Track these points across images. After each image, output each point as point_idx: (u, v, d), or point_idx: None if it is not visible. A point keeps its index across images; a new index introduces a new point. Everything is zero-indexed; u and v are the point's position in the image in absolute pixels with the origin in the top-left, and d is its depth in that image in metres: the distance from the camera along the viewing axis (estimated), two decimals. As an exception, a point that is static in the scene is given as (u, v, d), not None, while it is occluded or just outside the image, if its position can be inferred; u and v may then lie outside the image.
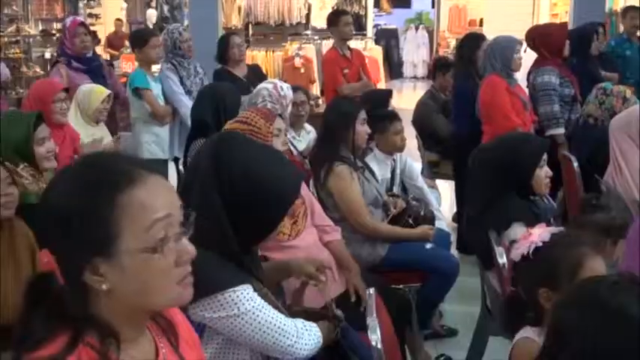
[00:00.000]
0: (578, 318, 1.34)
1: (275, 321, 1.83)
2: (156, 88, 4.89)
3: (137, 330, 1.19)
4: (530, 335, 1.81)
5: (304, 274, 2.23)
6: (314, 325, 1.96)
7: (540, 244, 1.88)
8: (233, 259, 1.83)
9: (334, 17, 5.92)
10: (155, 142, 4.89)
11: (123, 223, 1.08)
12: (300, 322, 1.92)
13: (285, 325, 1.85)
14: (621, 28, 7.04)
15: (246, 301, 1.79)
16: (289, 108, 3.85)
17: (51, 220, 1.11)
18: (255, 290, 1.82)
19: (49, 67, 5.55)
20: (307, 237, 2.73)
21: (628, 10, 6.65)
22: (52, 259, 1.14)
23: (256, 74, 5.36)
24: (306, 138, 4.36)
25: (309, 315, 2.06)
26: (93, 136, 4.01)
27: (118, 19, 11.49)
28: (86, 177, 1.11)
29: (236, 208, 1.83)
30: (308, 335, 1.91)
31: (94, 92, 4.14)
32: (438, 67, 5.87)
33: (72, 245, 1.08)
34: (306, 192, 2.88)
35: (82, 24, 5.00)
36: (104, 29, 11.46)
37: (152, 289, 1.12)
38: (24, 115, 3.07)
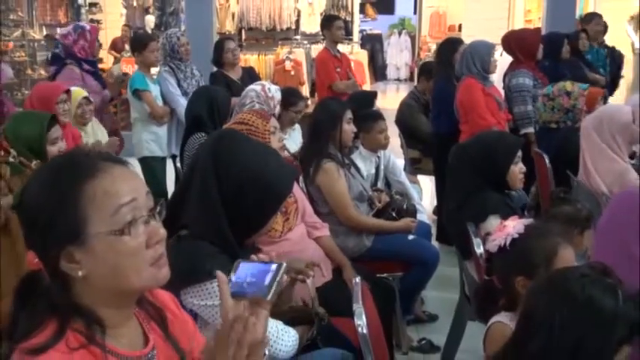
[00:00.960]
0: (548, 309, 1.35)
1: None
2: (154, 90, 4.87)
3: (122, 316, 1.19)
4: (504, 320, 1.83)
5: (293, 270, 2.22)
6: (292, 329, 1.93)
7: (516, 235, 1.89)
8: (227, 252, 1.82)
9: (327, 22, 6.04)
10: (154, 140, 4.87)
11: (90, 210, 1.09)
12: (281, 324, 1.89)
13: None
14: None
15: None
16: (277, 108, 3.86)
17: (25, 218, 1.13)
18: None
19: (47, 69, 5.59)
20: (297, 230, 2.73)
21: (593, 16, 6.64)
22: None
23: (251, 76, 5.35)
24: (292, 135, 4.37)
25: (294, 312, 2.04)
26: (86, 137, 3.97)
27: (126, 25, 11.42)
28: (52, 174, 1.13)
29: (232, 203, 1.84)
30: (287, 337, 1.89)
31: (71, 97, 3.91)
32: (422, 71, 5.87)
33: (45, 238, 1.10)
34: (299, 192, 2.88)
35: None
36: (105, 34, 11.37)
37: (125, 271, 1.12)
38: (38, 115, 3.07)
